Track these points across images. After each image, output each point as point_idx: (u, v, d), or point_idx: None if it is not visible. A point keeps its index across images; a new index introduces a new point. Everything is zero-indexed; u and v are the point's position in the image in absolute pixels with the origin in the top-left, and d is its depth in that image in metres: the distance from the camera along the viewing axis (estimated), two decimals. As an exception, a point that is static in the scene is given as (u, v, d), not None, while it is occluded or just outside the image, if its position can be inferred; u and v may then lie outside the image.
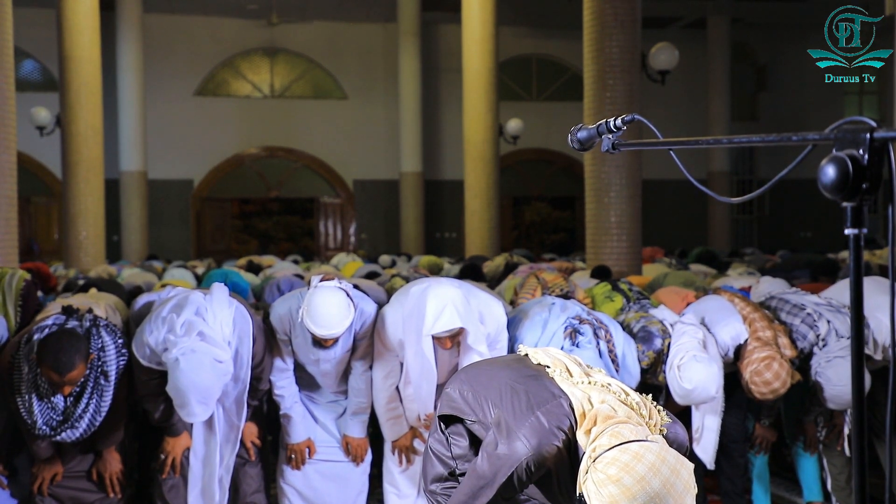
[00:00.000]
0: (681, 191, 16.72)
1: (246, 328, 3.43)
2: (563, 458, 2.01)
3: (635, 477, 1.76)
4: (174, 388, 3.14)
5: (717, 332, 3.76)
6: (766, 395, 3.63)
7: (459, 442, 2.30)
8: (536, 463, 1.99)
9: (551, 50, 17.34)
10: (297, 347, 3.59)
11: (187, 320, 3.24)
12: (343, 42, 16.70)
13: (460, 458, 2.30)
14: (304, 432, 3.69)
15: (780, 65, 17.94)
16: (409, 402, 3.47)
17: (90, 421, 3.23)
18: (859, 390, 1.25)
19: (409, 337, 3.28)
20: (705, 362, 3.46)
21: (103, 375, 3.26)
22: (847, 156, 1.14)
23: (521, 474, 2.00)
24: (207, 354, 3.17)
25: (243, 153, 16.61)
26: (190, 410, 3.16)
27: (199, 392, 3.13)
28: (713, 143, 1.52)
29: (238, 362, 3.40)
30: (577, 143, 1.87)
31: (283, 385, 3.65)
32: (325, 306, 3.26)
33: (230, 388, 3.43)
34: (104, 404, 3.26)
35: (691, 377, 3.44)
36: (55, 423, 3.20)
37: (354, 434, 3.68)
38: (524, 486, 2.06)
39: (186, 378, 3.09)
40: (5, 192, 5.75)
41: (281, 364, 3.63)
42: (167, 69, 15.70)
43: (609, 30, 7.20)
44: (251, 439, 3.66)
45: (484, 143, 11.95)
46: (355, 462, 3.71)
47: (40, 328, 3.26)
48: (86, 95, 9.98)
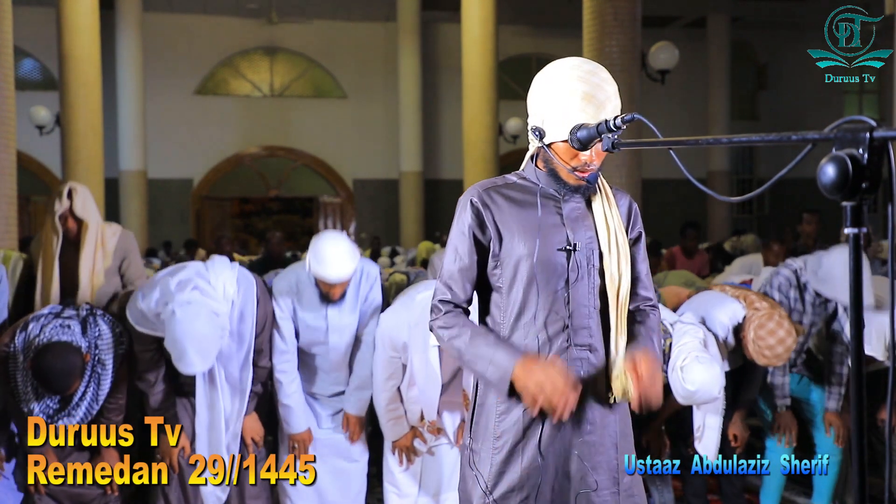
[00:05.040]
0: (681, 190, 16.73)
1: (250, 288, 3.42)
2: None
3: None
4: (171, 340, 3.10)
5: (714, 316, 3.78)
6: (773, 353, 3.64)
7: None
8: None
9: (551, 49, 17.33)
10: (302, 324, 3.58)
11: (182, 279, 3.23)
12: (343, 41, 16.70)
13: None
14: (304, 422, 3.66)
15: (780, 64, 17.95)
16: (412, 404, 3.47)
17: (87, 408, 3.23)
18: (859, 389, 1.25)
19: (415, 344, 3.28)
20: (708, 363, 3.46)
21: (100, 364, 3.25)
22: (847, 155, 1.14)
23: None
24: (204, 306, 3.15)
25: (243, 152, 16.62)
26: (188, 360, 3.12)
27: (196, 342, 3.09)
28: (713, 143, 1.52)
29: (242, 322, 3.39)
30: (577, 143, 1.87)
31: (285, 369, 3.61)
32: (332, 248, 3.39)
33: (234, 350, 3.40)
34: (102, 392, 3.25)
35: (694, 378, 3.44)
36: (52, 410, 3.19)
37: (353, 411, 3.67)
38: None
39: (183, 328, 3.07)
40: (5, 192, 5.75)
41: (282, 345, 3.60)
42: (167, 68, 15.70)
43: (609, 29, 7.20)
44: (252, 435, 3.62)
45: (483, 143, 11.95)
46: (350, 439, 3.70)
47: (36, 318, 3.27)
48: (85, 94, 9.98)
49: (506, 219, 2.03)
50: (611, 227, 2.02)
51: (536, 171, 2.05)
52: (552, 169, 2.01)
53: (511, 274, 2.02)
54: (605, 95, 1.91)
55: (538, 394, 1.89)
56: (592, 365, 2.03)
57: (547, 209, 2.01)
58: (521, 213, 2.02)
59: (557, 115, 1.93)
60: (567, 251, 2.00)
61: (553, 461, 2.03)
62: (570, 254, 2.00)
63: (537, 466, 2.02)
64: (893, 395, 1.23)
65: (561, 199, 2.02)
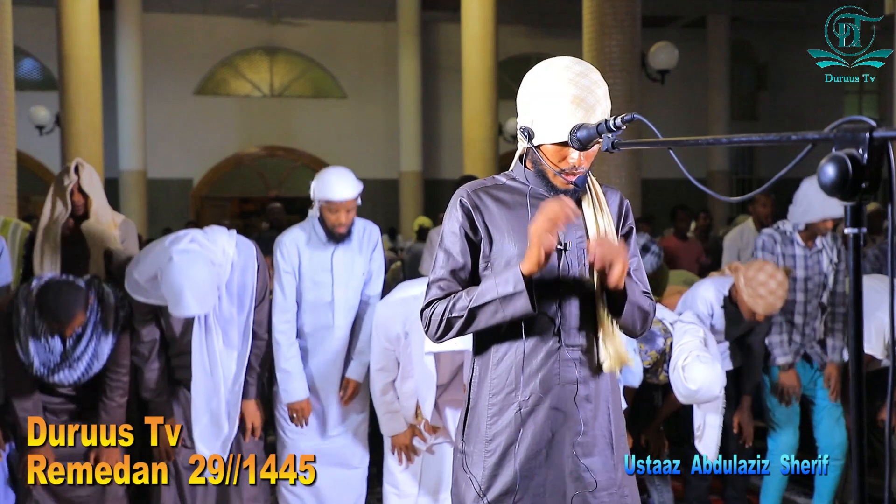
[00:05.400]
0: (680, 190, 16.72)
1: (250, 253, 3.45)
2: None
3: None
4: (168, 284, 3.12)
5: (699, 295, 3.89)
6: (767, 289, 3.67)
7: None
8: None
9: (551, 49, 17.32)
10: (307, 277, 3.61)
11: (179, 235, 3.29)
12: (342, 41, 16.70)
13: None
14: (303, 389, 3.65)
15: (780, 64, 17.95)
16: (406, 399, 3.46)
17: (88, 364, 3.24)
18: (859, 389, 1.25)
19: (414, 337, 3.28)
20: (709, 362, 3.47)
21: (102, 322, 3.28)
22: (846, 155, 1.14)
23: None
24: (202, 255, 3.19)
25: (243, 152, 16.62)
26: (185, 303, 3.13)
27: (193, 285, 3.12)
28: (713, 143, 1.52)
29: (243, 288, 3.41)
30: (576, 143, 1.87)
31: (283, 329, 3.61)
32: (335, 171, 3.63)
33: (234, 314, 3.41)
34: (102, 351, 3.27)
35: (695, 378, 3.45)
36: (52, 364, 3.21)
37: (352, 375, 3.71)
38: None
39: (180, 270, 3.10)
40: (5, 192, 5.76)
41: (282, 301, 3.61)
42: (167, 68, 15.70)
43: (608, 29, 7.21)
44: (252, 420, 3.56)
45: (483, 143, 11.96)
46: (343, 402, 3.72)
47: (39, 277, 3.32)
48: (85, 94, 9.99)
49: (495, 220, 2.02)
50: (601, 227, 2.01)
51: (525, 172, 2.05)
52: (540, 170, 2.00)
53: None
54: (595, 99, 1.90)
55: (542, 230, 1.83)
56: (584, 365, 2.03)
57: (537, 209, 1.99)
58: (511, 214, 2.02)
59: (547, 118, 1.92)
60: (558, 251, 1.99)
61: (546, 462, 2.02)
62: (561, 254, 2.00)
63: (531, 468, 2.01)
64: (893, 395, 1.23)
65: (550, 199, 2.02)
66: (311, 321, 3.69)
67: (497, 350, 2.03)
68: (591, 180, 2.06)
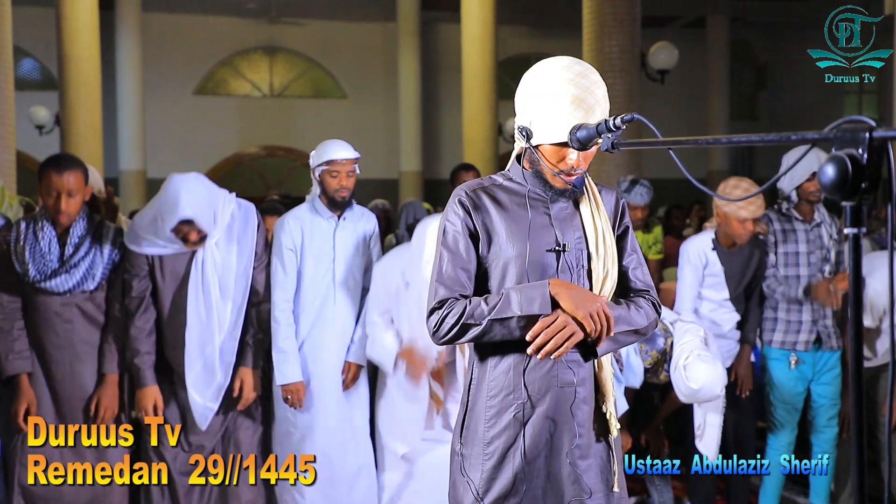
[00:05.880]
0: (680, 190, 16.72)
1: (250, 209, 3.56)
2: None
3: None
4: (165, 195, 3.26)
5: (688, 246, 4.01)
6: (742, 188, 3.78)
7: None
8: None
9: (551, 49, 17.31)
10: (309, 254, 3.64)
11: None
12: (342, 41, 16.69)
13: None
14: (298, 371, 3.62)
15: (780, 64, 17.94)
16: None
17: (86, 272, 3.29)
18: (859, 389, 1.25)
19: (415, 287, 3.32)
20: (710, 362, 3.47)
21: (98, 237, 3.35)
22: (846, 155, 1.14)
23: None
24: (202, 176, 3.37)
25: (243, 152, 16.62)
26: (181, 204, 3.23)
27: (190, 190, 3.25)
28: (713, 143, 1.52)
29: (242, 234, 3.48)
30: (576, 143, 1.87)
31: (283, 308, 3.61)
32: (333, 140, 3.74)
33: (233, 262, 3.45)
34: (96, 267, 3.32)
35: (697, 377, 3.45)
36: (50, 270, 3.26)
37: (352, 358, 3.72)
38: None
39: (179, 180, 3.26)
40: (5, 192, 5.75)
41: (282, 277, 3.61)
42: (166, 68, 15.69)
43: (608, 29, 7.21)
44: (247, 389, 3.51)
45: (483, 143, 11.96)
46: (345, 386, 3.71)
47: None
48: (85, 94, 9.99)
49: (494, 220, 2.01)
50: (598, 228, 2.02)
51: (523, 172, 2.04)
52: (538, 171, 2.00)
53: (500, 275, 2.01)
54: (594, 99, 1.90)
55: (580, 309, 1.88)
56: (582, 367, 2.03)
57: (535, 210, 2.00)
58: (509, 215, 2.01)
59: (546, 117, 1.92)
60: (556, 252, 1.99)
61: (544, 465, 2.02)
62: (560, 254, 2.00)
63: (530, 471, 2.00)
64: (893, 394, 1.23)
65: (548, 199, 2.02)
66: (311, 298, 3.68)
67: (495, 352, 2.03)
68: (588, 181, 2.06)
